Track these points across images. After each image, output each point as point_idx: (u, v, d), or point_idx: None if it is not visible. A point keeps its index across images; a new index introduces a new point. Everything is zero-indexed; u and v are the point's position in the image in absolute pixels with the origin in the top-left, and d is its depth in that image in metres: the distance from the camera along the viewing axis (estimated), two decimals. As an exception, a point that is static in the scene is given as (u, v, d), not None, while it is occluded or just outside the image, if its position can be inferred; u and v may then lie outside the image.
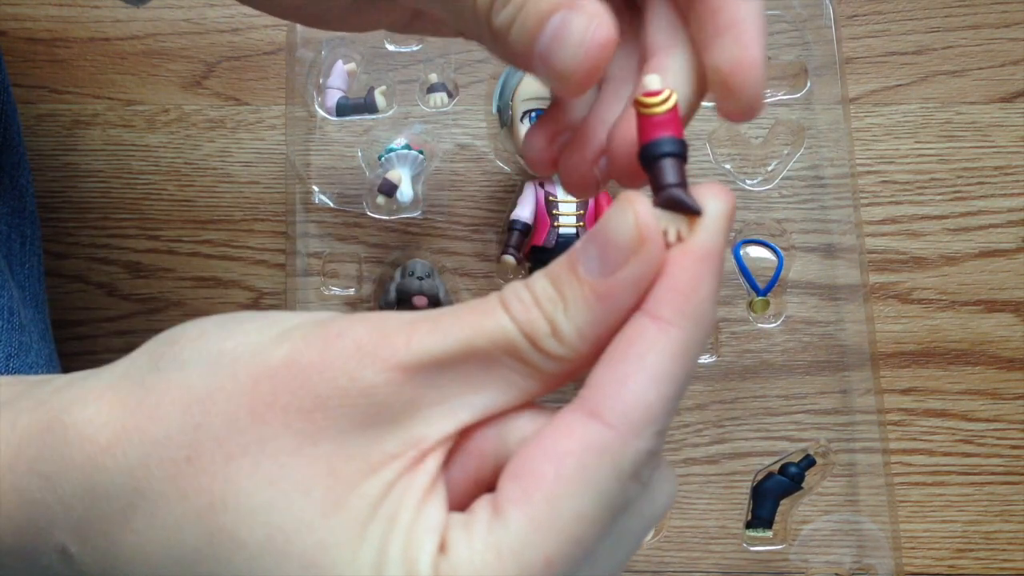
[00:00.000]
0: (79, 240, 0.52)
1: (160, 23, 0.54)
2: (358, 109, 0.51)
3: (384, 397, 0.20)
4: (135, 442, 0.20)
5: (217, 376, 0.21)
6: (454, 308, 0.21)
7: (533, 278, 0.21)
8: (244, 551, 0.20)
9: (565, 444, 0.20)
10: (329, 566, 0.19)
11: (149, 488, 0.20)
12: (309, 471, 0.20)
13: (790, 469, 0.47)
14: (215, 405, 0.20)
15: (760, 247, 0.50)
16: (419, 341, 0.20)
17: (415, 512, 0.20)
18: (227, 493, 0.20)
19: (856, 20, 0.53)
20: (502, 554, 0.19)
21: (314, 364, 0.20)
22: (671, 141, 0.22)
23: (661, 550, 0.47)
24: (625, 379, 0.20)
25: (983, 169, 0.51)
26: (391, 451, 0.20)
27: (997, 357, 0.49)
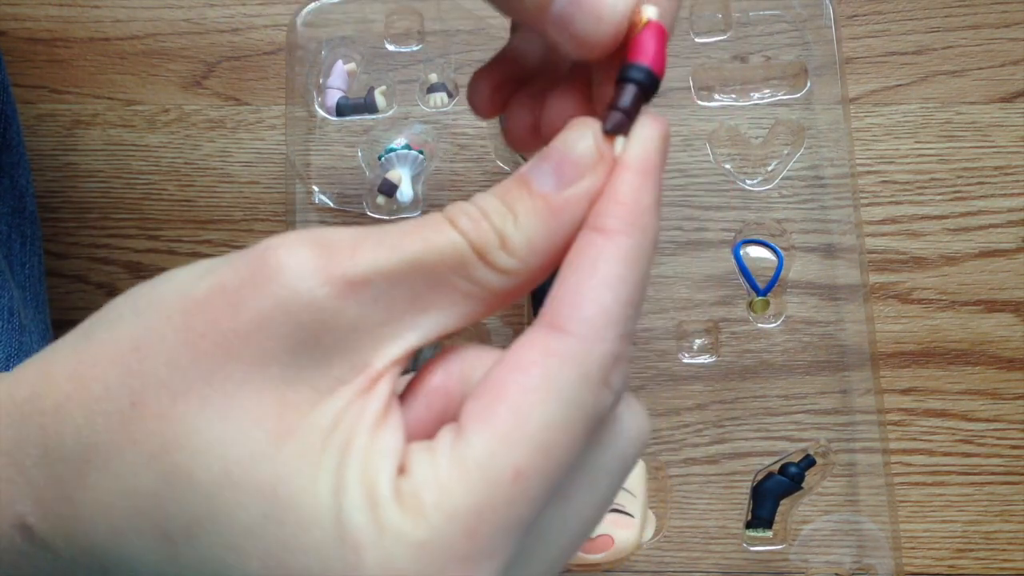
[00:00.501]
0: (79, 240, 0.52)
1: (160, 23, 0.54)
2: (358, 109, 0.51)
3: (329, 314, 0.19)
4: (78, 402, 0.20)
5: (145, 321, 0.20)
6: (399, 224, 0.21)
7: (477, 196, 0.21)
8: (201, 488, 0.19)
9: (528, 355, 0.20)
10: (286, 496, 0.19)
11: (99, 441, 0.20)
12: (259, 399, 0.19)
13: (790, 469, 0.47)
14: (149, 348, 0.20)
15: (760, 247, 0.50)
16: (363, 255, 0.20)
17: (369, 437, 0.19)
18: (178, 432, 0.19)
19: (856, 20, 0.53)
20: (467, 468, 0.19)
21: (246, 283, 0.19)
22: (643, 70, 0.23)
23: (661, 550, 0.47)
24: (579, 287, 0.20)
25: (983, 169, 0.51)
26: (339, 376, 0.20)
27: (997, 357, 0.49)
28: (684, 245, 0.50)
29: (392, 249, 0.20)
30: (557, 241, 0.21)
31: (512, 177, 0.22)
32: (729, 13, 0.51)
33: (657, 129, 0.23)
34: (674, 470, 0.48)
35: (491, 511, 0.19)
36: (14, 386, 0.21)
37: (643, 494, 0.45)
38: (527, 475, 0.19)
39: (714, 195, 0.51)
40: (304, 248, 0.19)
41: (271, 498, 0.19)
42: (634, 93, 0.23)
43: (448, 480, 0.19)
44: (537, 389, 0.19)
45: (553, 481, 0.20)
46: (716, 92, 0.51)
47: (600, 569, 0.46)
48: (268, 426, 0.19)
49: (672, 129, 0.52)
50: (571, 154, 0.21)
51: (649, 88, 0.23)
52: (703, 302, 0.49)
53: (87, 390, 0.20)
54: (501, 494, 0.19)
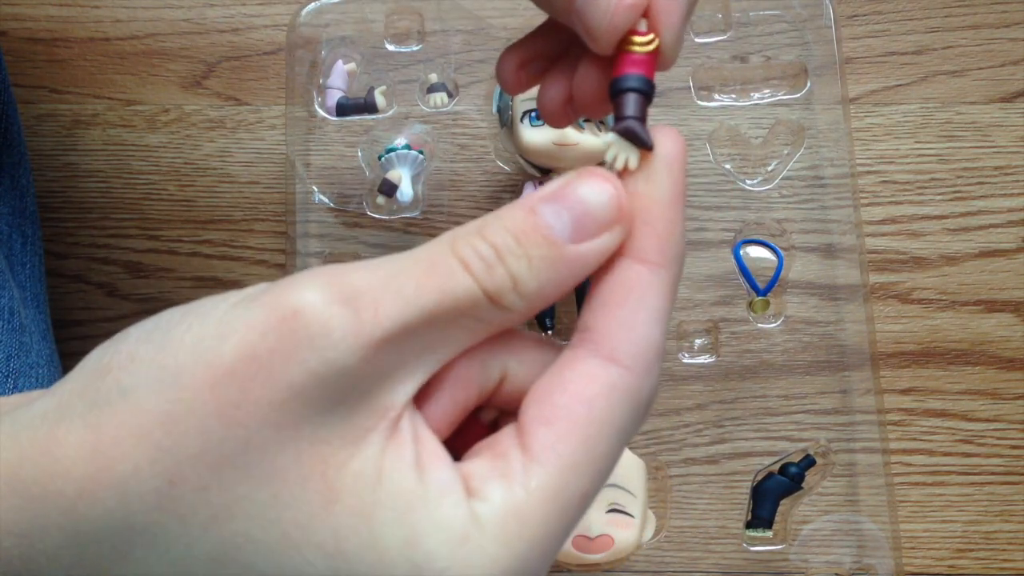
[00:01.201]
0: (79, 240, 0.52)
1: (160, 23, 0.54)
2: (358, 109, 0.51)
3: (357, 374, 0.20)
4: (106, 484, 0.19)
5: (169, 393, 0.19)
6: (410, 262, 0.21)
7: (489, 228, 0.21)
8: (265, 550, 0.19)
9: (592, 388, 0.21)
10: (352, 553, 0.20)
11: (137, 522, 0.19)
12: (298, 461, 0.19)
13: (790, 469, 0.47)
14: (178, 421, 0.19)
15: (760, 247, 0.50)
16: (386, 311, 0.20)
17: (418, 478, 0.20)
18: (228, 502, 0.19)
19: (856, 20, 0.53)
20: (544, 497, 0.20)
21: (277, 351, 0.19)
22: (640, 78, 0.24)
23: (661, 550, 0.47)
24: (633, 322, 0.21)
25: (983, 169, 0.51)
26: (365, 424, 0.20)
27: (997, 357, 0.49)
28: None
29: (410, 303, 0.20)
30: (564, 287, 0.22)
31: (524, 209, 0.21)
32: (729, 13, 0.51)
33: (677, 146, 0.23)
34: (674, 470, 0.48)
35: (561, 533, 0.21)
36: (13, 460, 0.20)
37: (643, 494, 0.45)
38: (589, 497, 0.21)
39: (714, 195, 0.51)
40: (331, 308, 0.19)
41: (336, 556, 0.20)
42: (639, 101, 0.24)
43: (527, 508, 0.20)
44: (603, 423, 0.21)
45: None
46: (716, 92, 0.51)
47: (600, 569, 0.46)
48: (314, 487, 0.20)
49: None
50: (592, 209, 0.21)
51: (650, 95, 0.24)
52: (703, 302, 0.49)
53: (113, 471, 0.19)
54: (569, 517, 0.21)
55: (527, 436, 0.21)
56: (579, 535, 0.44)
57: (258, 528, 0.19)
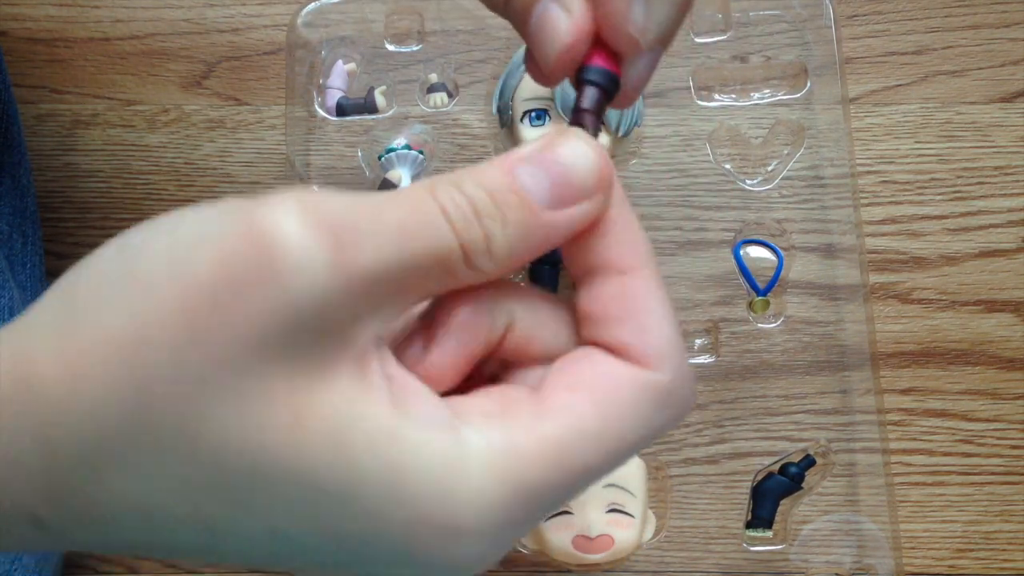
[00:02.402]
0: (79, 240, 0.52)
1: (160, 23, 0.54)
2: (358, 109, 0.51)
3: (332, 307, 0.19)
4: (81, 404, 0.19)
5: (140, 309, 0.19)
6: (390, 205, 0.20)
7: (465, 182, 0.21)
8: (236, 475, 0.19)
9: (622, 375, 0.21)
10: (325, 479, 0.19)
11: (113, 443, 0.19)
12: (270, 386, 0.19)
13: (790, 469, 0.47)
14: (150, 343, 0.19)
15: (760, 247, 0.50)
16: (368, 248, 0.19)
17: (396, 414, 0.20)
18: (199, 423, 0.19)
19: (856, 20, 0.53)
20: (547, 447, 0.20)
21: (253, 274, 0.19)
22: (601, 72, 0.24)
23: (661, 550, 0.47)
24: (647, 328, 0.22)
25: (983, 169, 0.51)
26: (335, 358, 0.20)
27: (997, 357, 0.49)
28: (684, 245, 0.50)
29: (393, 245, 0.20)
30: (536, 253, 0.21)
31: (501, 168, 0.21)
32: (729, 13, 0.51)
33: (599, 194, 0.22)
34: (674, 470, 0.48)
35: (555, 494, 0.20)
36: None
37: (643, 494, 0.45)
38: (592, 472, 0.21)
39: (714, 195, 0.50)
40: (310, 239, 0.19)
41: (307, 482, 0.19)
42: (596, 95, 0.24)
43: (525, 451, 0.20)
44: (625, 405, 0.21)
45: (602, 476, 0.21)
46: (716, 92, 0.51)
47: (600, 569, 0.46)
48: (284, 411, 0.19)
49: (672, 129, 0.52)
50: (572, 174, 0.21)
51: (611, 90, 0.24)
52: (703, 302, 0.49)
53: (87, 390, 0.19)
54: (568, 482, 0.20)
55: (545, 391, 0.21)
56: (579, 535, 0.44)
57: (231, 453, 0.19)
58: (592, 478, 0.21)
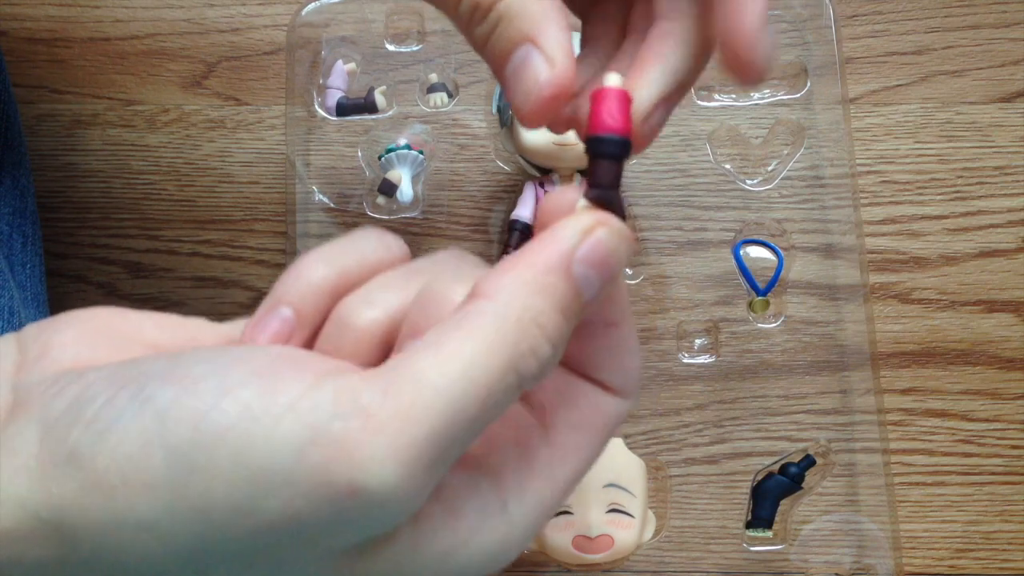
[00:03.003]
0: (79, 240, 0.52)
1: (160, 23, 0.54)
2: (358, 109, 0.51)
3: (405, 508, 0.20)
4: None
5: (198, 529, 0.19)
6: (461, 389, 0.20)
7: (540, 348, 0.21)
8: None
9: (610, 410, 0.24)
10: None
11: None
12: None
13: (790, 469, 0.47)
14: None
15: (760, 247, 0.50)
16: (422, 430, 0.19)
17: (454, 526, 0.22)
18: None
19: (856, 20, 0.53)
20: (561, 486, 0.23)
21: (321, 524, 0.19)
22: (614, 142, 0.23)
23: (661, 550, 0.47)
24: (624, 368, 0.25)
25: (983, 169, 0.51)
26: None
27: (997, 357, 0.49)
28: (684, 245, 0.50)
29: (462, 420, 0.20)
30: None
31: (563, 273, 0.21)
32: (729, 13, 0.51)
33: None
34: (674, 470, 0.48)
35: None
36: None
37: (643, 494, 0.45)
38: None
39: (714, 195, 0.50)
40: (391, 480, 0.18)
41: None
42: (615, 171, 0.23)
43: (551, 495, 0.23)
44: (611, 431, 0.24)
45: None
46: (716, 92, 0.51)
47: (600, 569, 0.46)
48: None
49: (672, 129, 0.52)
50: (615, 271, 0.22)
51: (624, 156, 0.23)
52: (703, 302, 0.49)
53: None
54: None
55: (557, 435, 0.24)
56: (579, 535, 0.44)
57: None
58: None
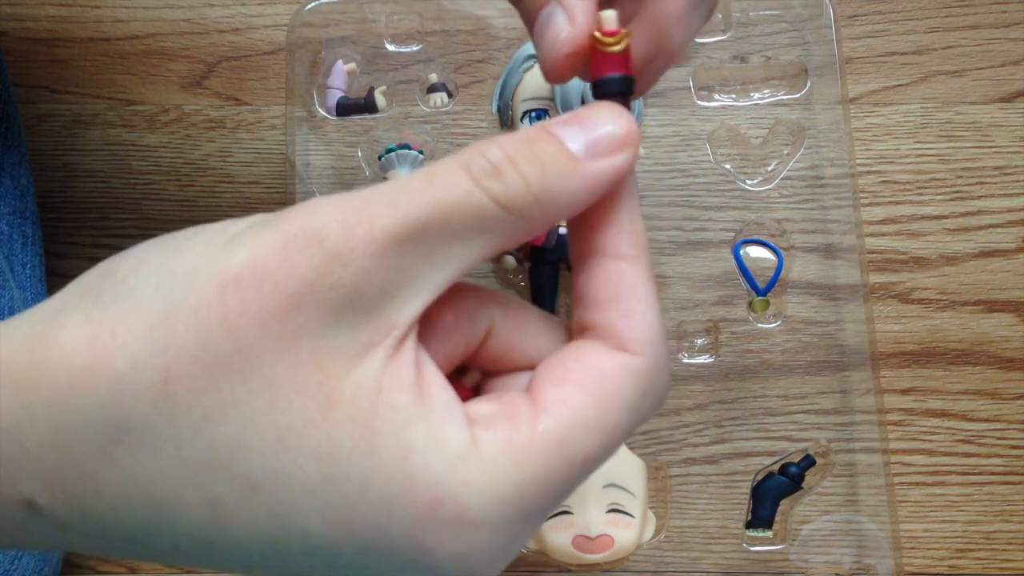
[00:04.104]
0: (79, 240, 0.52)
1: (160, 23, 0.54)
2: (358, 109, 0.51)
3: (355, 287, 0.20)
4: (101, 377, 0.19)
5: (174, 293, 0.19)
6: (410, 184, 0.21)
7: (501, 138, 0.21)
8: (255, 455, 0.19)
9: (606, 364, 0.22)
10: (344, 459, 0.19)
11: (128, 420, 0.19)
12: (297, 370, 0.19)
13: (790, 469, 0.47)
14: (180, 322, 0.19)
15: (760, 247, 0.50)
16: (381, 225, 0.20)
17: (417, 399, 0.20)
18: (221, 404, 0.19)
19: (856, 20, 0.53)
20: (548, 441, 0.21)
21: (280, 265, 0.19)
22: (619, 80, 0.24)
23: (661, 550, 0.47)
24: (633, 313, 0.23)
25: (983, 169, 0.51)
26: (368, 340, 0.20)
27: (997, 357, 0.49)
28: (684, 245, 0.50)
29: (401, 212, 0.20)
30: (577, 204, 0.22)
31: (535, 128, 0.22)
32: (729, 13, 0.51)
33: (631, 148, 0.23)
34: (674, 470, 0.48)
35: (560, 485, 0.21)
36: (7, 351, 0.20)
37: (643, 494, 0.45)
38: (591, 462, 0.21)
39: (714, 195, 0.50)
40: (331, 225, 0.20)
41: (328, 462, 0.19)
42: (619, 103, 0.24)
43: (530, 446, 0.21)
44: (615, 394, 0.22)
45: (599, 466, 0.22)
46: (716, 92, 0.51)
47: (600, 569, 0.46)
48: (311, 395, 0.19)
49: (672, 129, 0.52)
50: (608, 127, 0.22)
51: (628, 94, 0.24)
52: (703, 302, 0.49)
53: (109, 364, 0.19)
54: (570, 472, 0.21)
55: (537, 391, 0.22)
56: (579, 535, 0.44)
57: (251, 434, 0.19)
58: (592, 468, 0.22)
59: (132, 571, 0.48)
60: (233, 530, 0.20)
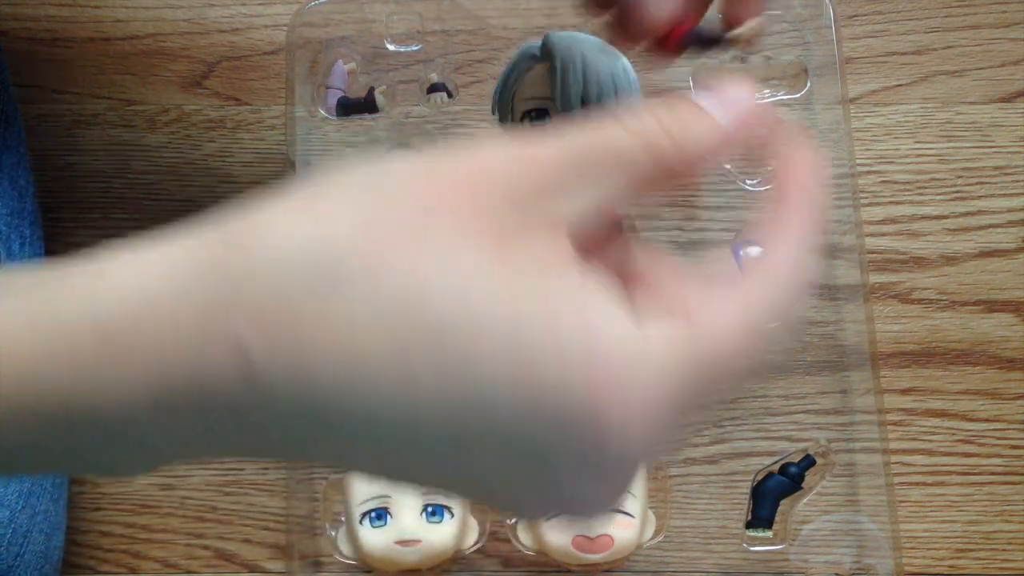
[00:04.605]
0: (79, 240, 0.52)
1: (160, 23, 0.54)
2: (358, 109, 0.51)
3: (534, 182, 0.22)
4: (316, 238, 0.20)
5: (380, 182, 0.22)
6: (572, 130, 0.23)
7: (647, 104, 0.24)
8: (448, 317, 0.20)
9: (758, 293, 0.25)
10: (528, 320, 0.20)
11: (339, 271, 0.20)
12: (483, 251, 0.21)
13: (790, 469, 0.47)
14: (388, 203, 0.21)
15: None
16: (545, 149, 0.22)
17: (587, 279, 0.22)
18: (421, 270, 0.20)
19: (856, 20, 0.53)
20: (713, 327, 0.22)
21: (468, 158, 0.22)
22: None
23: (661, 550, 0.47)
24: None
25: (983, 169, 0.51)
26: (544, 223, 0.22)
27: (997, 357, 0.49)
28: (684, 245, 0.50)
29: (565, 142, 0.23)
30: (717, 156, 0.25)
31: (678, 96, 0.24)
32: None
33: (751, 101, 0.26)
34: (674, 470, 0.48)
35: (713, 390, 0.22)
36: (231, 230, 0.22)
37: (643, 494, 0.45)
38: (737, 378, 0.23)
39: (714, 195, 0.51)
40: (507, 151, 0.22)
41: (514, 322, 0.20)
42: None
43: (695, 341, 0.22)
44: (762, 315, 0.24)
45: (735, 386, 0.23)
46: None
47: (600, 569, 0.46)
48: (496, 259, 0.21)
49: (672, 129, 0.52)
50: (743, 99, 0.25)
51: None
52: (703, 302, 0.49)
53: (328, 226, 0.21)
54: (722, 381, 0.22)
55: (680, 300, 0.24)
56: (579, 535, 0.44)
57: (444, 299, 0.20)
58: (736, 383, 0.23)
59: (132, 571, 0.48)
60: (422, 394, 0.20)
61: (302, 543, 0.47)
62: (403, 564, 0.44)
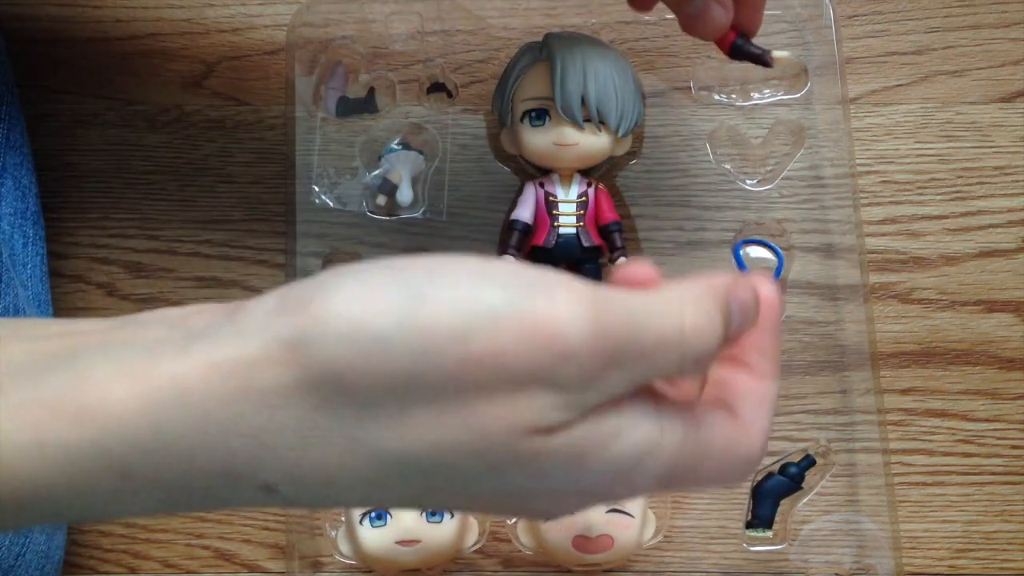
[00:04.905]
0: (79, 240, 0.52)
1: (160, 23, 0.54)
2: (358, 109, 0.51)
3: (572, 377, 0.22)
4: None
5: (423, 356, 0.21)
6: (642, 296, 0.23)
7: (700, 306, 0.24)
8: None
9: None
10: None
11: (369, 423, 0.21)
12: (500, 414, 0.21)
13: (790, 469, 0.47)
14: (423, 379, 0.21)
15: (760, 247, 0.50)
16: (616, 316, 0.22)
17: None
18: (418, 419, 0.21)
19: (856, 20, 0.53)
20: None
21: (515, 356, 0.21)
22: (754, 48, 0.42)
23: (661, 550, 0.47)
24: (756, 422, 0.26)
25: (983, 169, 0.51)
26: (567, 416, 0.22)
27: (997, 357, 0.49)
28: (684, 245, 0.50)
29: (637, 316, 0.23)
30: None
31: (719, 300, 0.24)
32: (729, 13, 0.51)
33: (773, 297, 0.27)
34: (674, 470, 0.48)
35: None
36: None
37: (643, 494, 0.45)
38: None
39: (714, 195, 0.51)
40: (577, 324, 0.22)
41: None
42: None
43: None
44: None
45: None
46: (716, 92, 0.51)
47: (600, 569, 0.46)
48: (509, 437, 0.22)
49: (672, 129, 0.52)
50: (752, 316, 0.25)
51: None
52: (703, 302, 0.49)
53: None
54: None
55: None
56: (579, 535, 0.44)
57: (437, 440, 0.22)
58: None
59: (132, 571, 0.48)
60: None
61: (302, 543, 0.47)
62: (403, 564, 0.44)
